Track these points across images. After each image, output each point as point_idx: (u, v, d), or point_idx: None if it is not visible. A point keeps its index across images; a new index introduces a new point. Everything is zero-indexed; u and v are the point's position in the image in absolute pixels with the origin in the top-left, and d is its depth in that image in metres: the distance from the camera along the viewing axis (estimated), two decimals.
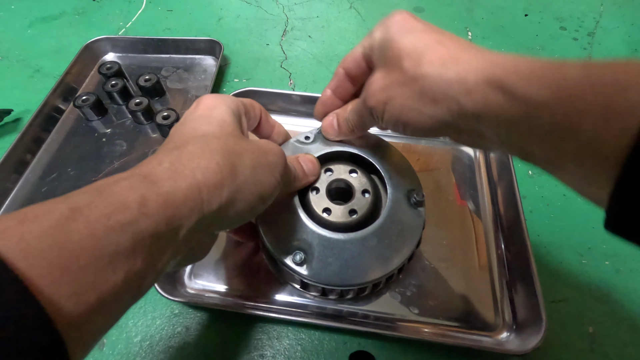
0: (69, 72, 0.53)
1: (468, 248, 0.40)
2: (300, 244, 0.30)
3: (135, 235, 0.16)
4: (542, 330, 0.31)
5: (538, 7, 0.71)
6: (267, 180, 0.23)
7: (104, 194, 0.17)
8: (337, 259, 0.29)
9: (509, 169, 0.42)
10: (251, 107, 0.28)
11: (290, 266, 0.30)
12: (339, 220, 0.31)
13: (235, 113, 0.25)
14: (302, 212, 0.31)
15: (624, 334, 0.36)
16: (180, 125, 0.24)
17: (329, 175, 0.33)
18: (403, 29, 0.23)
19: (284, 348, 0.34)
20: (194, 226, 0.19)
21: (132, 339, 0.35)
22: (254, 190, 0.22)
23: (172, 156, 0.20)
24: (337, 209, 0.31)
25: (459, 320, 0.35)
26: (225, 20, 0.68)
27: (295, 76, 0.58)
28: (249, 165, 0.22)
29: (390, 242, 0.30)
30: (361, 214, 0.31)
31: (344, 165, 0.34)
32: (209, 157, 0.20)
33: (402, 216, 0.31)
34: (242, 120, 0.27)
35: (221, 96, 0.26)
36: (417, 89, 0.22)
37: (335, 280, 0.30)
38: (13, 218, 0.15)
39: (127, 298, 0.17)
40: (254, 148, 0.23)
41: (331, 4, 0.72)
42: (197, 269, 0.38)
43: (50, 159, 0.48)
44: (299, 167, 0.30)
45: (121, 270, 0.16)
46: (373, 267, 0.30)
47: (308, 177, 0.31)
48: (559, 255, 0.40)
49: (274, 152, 0.24)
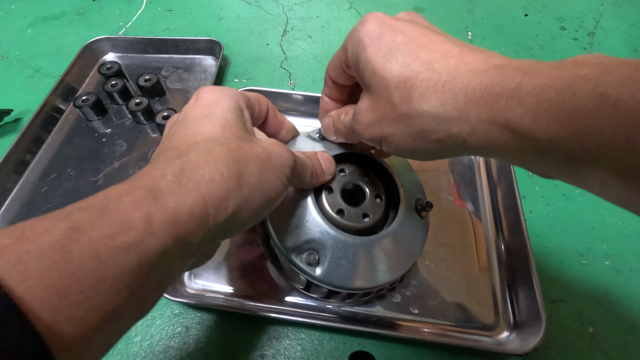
0: (69, 72, 0.53)
1: (468, 248, 0.40)
2: (313, 244, 0.28)
3: (141, 257, 0.16)
4: (542, 330, 0.31)
5: (538, 7, 0.71)
6: (274, 185, 0.22)
7: (107, 212, 0.16)
8: (349, 262, 0.28)
9: (508, 169, 0.42)
10: (257, 101, 0.27)
11: (301, 266, 0.28)
12: (352, 223, 0.30)
13: (238, 109, 0.24)
14: (317, 211, 0.29)
15: (624, 334, 0.36)
16: (180, 126, 0.22)
17: (343, 176, 0.32)
18: (382, 49, 0.21)
19: (284, 348, 0.34)
20: (200, 241, 0.19)
21: (132, 338, 0.35)
22: (259, 198, 0.21)
23: (175, 166, 0.19)
24: (351, 211, 0.30)
25: (459, 320, 0.35)
26: (225, 20, 0.68)
27: (295, 76, 0.58)
28: (255, 173, 0.21)
29: (400, 249, 0.30)
30: (374, 218, 0.31)
31: (358, 167, 0.33)
32: (213, 168, 0.19)
33: (411, 223, 0.31)
34: (246, 115, 0.25)
35: (222, 89, 0.24)
36: (416, 128, 0.20)
37: (345, 284, 0.29)
38: (10, 235, 0.14)
39: (130, 318, 0.17)
40: (260, 151, 0.22)
41: (331, 4, 0.72)
42: (197, 269, 0.38)
43: (50, 159, 0.48)
44: (318, 164, 0.28)
45: (125, 292, 0.15)
46: (383, 272, 0.29)
47: (325, 176, 0.29)
48: (559, 255, 0.40)
49: (280, 154, 0.23)
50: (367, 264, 0.29)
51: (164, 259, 0.17)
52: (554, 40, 0.65)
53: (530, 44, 0.64)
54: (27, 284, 0.13)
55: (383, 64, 0.21)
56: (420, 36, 0.21)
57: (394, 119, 0.21)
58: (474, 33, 0.66)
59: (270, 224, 0.29)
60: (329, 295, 0.33)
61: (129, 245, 0.15)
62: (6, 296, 0.12)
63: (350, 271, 0.28)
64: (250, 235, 0.38)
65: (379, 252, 0.29)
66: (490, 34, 0.66)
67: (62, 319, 0.13)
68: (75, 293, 0.14)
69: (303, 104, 0.50)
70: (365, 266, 0.29)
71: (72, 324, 0.14)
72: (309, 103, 0.50)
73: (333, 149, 0.32)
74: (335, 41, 0.64)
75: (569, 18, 0.68)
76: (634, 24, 0.67)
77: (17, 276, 0.13)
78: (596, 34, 0.65)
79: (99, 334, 0.15)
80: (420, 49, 0.20)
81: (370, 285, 0.29)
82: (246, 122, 0.24)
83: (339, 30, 0.67)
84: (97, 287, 0.14)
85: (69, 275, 0.14)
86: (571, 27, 0.67)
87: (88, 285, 0.14)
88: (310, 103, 0.50)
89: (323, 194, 0.31)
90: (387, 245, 0.29)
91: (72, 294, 0.14)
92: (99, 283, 0.14)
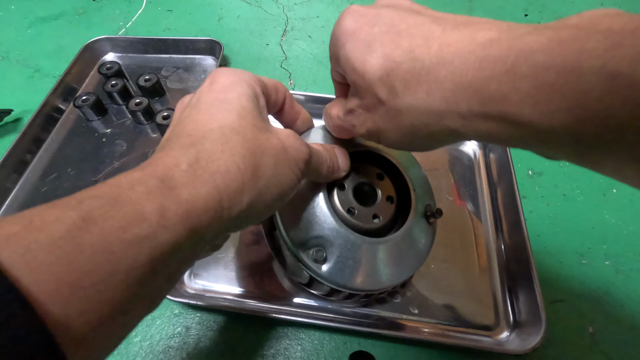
0: (69, 72, 0.53)
1: (468, 248, 0.40)
2: (321, 241, 0.28)
3: (153, 250, 0.15)
4: (542, 330, 0.31)
5: (538, 7, 0.71)
6: (288, 179, 0.21)
7: (119, 202, 0.15)
8: (355, 262, 0.28)
9: (508, 169, 0.42)
10: (274, 89, 0.25)
11: (307, 262, 0.28)
12: (362, 223, 0.29)
13: (254, 96, 0.22)
14: (329, 207, 0.28)
15: (624, 334, 0.36)
16: (194, 110, 0.21)
17: (356, 175, 0.31)
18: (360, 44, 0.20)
19: (284, 348, 0.34)
20: (213, 234, 0.18)
21: (132, 338, 0.35)
22: (274, 192, 0.21)
23: (190, 155, 0.18)
24: (361, 211, 0.29)
25: (459, 320, 0.35)
26: (225, 20, 0.68)
27: (295, 76, 0.58)
28: (270, 165, 0.20)
29: (407, 254, 0.30)
30: (384, 220, 0.30)
31: (372, 167, 0.32)
32: (229, 159, 0.18)
33: (420, 229, 0.31)
34: (262, 102, 0.23)
35: (238, 73, 0.23)
36: (406, 124, 0.19)
37: (349, 284, 0.28)
38: (17, 222, 0.13)
39: (140, 312, 0.16)
40: (275, 142, 0.21)
41: (331, 4, 0.72)
42: (197, 269, 0.38)
43: (50, 159, 0.48)
44: (335, 159, 0.27)
45: (136, 285, 0.15)
46: (387, 275, 0.29)
47: (340, 172, 0.28)
48: (559, 255, 0.40)
49: (295, 147, 0.22)
50: (372, 266, 0.28)
51: (177, 252, 0.16)
52: None
53: None
54: (36, 276, 0.12)
55: (362, 58, 0.19)
56: (399, 21, 0.19)
57: (384, 114, 0.20)
58: None
59: (278, 216, 0.28)
60: (331, 294, 0.33)
61: (141, 238, 0.15)
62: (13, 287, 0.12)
63: (355, 271, 0.28)
64: None
65: (386, 255, 0.29)
66: None
67: (72, 313, 0.13)
68: (86, 287, 0.13)
69: (303, 104, 0.50)
70: (370, 268, 0.28)
71: (82, 318, 0.13)
72: (309, 103, 0.50)
73: (348, 145, 0.30)
74: None
75: None
76: None
77: (26, 267, 0.12)
78: None
79: (109, 328, 0.14)
80: (400, 36, 0.19)
81: (373, 287, 0.29)
82: (262, 110, 0.23)
83: None
84: (108, 280, 0.14)
85: (79, 267, 0.13)
86: None
87: (99, 279, 0.13)
88: (311, 103, 0.50)
89: (335, 191, 0.30)
90: (394, 249, 0.29)
91: (82, 287, 0.13)
92: (110, 277, 0.14)
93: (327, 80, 0.58)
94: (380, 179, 0.32)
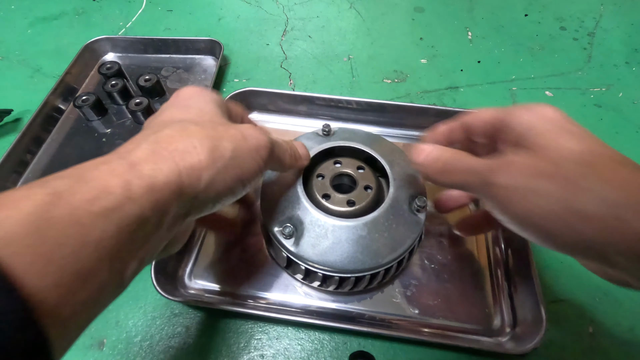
0: (69, 72, 0.53)
1: (468, 248, 0.40)
2: (292, 220, 0.31)
3: (121, 222, 0.16)
4: (542, 330, 0.31)
5: (538, 7, 0.71)
6: (248, 165, 0.23)
7: (84, 179, 0.16)
8: (325, 240, 0.30)
9: None
10: (233, 106, 0.29)
11: (279, 238, 0.31)
12: (336, 208, 0.32)
13: (215, 103, 0.25)
14: (301, 191, 0.32)
15: (624, 334, 0.36)
16: (157, 114, 0.24)
17: (337, 167, 0.35)
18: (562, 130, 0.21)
19: (284, 348, 0.34)
20: (176, 211, 0.19)
21: (132, 339, 0.35)
22: (233, 174, 0.22)
23: (150, 139, 0.20)
24: (336, 197, 0.33)
25: (459, 320, 0.35)
26: (225, 20, 0.68)
27: (295, 76, 0.58)
28: (229, 149, 0.21)
29: (381, 239, 0.31)
30: (359, 206, 0.32)
31: (354, 160, 0.36)
32: (186, 140, 0.20)
33: (400, 217, 0.32)
34: (223, 108, 0.26)
35: (201, 88, 0.26)
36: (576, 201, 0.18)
37: (318, 262, 0.30)
38: None
39: (111, 288, 0.17)
40: (234, 132, 0.22)
41: (331, 4, 0.72)
42: (197, 269, 0.38)
43: (50, 159, 0.48)
44: (295, 149, 0.30)
45: (106, 258, 0.15)
46: (359, 258, 0.30)
47: (303, 160, 0.31)
48: (559, 255, 0.40)
49: (255, 137, 0.23)
50: (342, 247, 0.30)
51: (143, 226, 0.17)
52: (554, 40, 0.65)
53: (530, 44, 0.64)
54: (12, 249, 0.12)
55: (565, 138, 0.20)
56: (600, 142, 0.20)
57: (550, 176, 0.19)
58: (473, 33, 0.66)
59: (261, 202, 0.33)
60: (307, 276, 0.34)
61: (108, 210, 0.15)
62: None
63: (325, 251, 0.30)
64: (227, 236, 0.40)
65: (355, 236, 0.30)
66: (490, 34, 0.66)
67: (47, 285, 0.13)
68: (58, 258, 0.13)
69: (303, 104, 0.50)
70: (340, 249, 0.30)
71: (57, 290, 0.13)
72: (309, 103, 0.49)
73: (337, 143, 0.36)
74: (335, 41, 0.64)
75: (569, 18, 0.68)
76: (633, 23, 0.67)
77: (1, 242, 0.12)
78: (596, 34, 0.65)
79: (82, 302, 0.15)
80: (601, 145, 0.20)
81: (344, 267, 0.30)
82: (223, 113, 0.25)
83: (339, 30, 0.67)
84: (80, 252, 0.14)
85: (51, 240, 0.13)
86: (571, 27, 0.67)
87: (70, 251, 0.14)
88: (310, 103, 0.49)
89: (313, 180, 0.34)
90: (364, 230, 0.30)
91: (55, 259, 0.13)
92: (81, 248, 0.14)
93: (327, 80, 0.58)
94: (361, 171, 0.35)
